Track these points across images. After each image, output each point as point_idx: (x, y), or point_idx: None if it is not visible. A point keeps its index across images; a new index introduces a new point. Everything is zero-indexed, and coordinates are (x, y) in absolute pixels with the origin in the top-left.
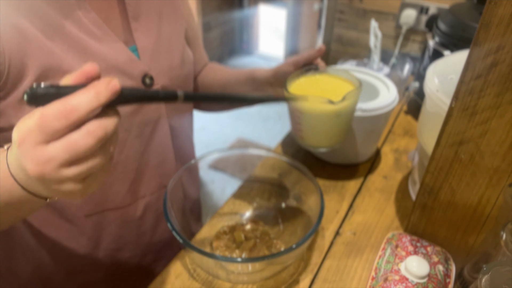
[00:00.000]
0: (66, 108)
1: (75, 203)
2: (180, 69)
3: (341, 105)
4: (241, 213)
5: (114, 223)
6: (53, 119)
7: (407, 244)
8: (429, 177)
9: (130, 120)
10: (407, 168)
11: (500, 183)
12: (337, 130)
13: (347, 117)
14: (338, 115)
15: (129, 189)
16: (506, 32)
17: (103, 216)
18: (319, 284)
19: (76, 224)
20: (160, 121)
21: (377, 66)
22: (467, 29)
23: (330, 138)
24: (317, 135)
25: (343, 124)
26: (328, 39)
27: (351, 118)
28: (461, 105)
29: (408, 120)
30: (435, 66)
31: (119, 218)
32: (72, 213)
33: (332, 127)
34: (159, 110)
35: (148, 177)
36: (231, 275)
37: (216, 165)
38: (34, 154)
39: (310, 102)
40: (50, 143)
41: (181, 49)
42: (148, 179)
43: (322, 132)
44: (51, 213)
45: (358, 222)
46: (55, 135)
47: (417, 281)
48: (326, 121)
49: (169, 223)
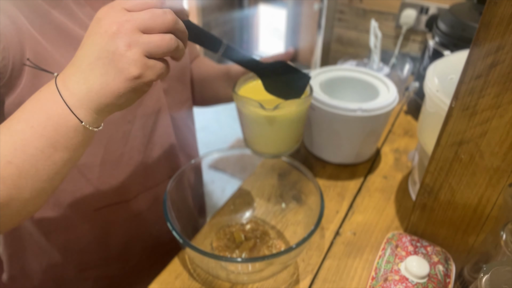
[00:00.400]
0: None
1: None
2: None
3: (273, 112)
4: (241, 213)
5: (123, 216)
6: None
7: (407, 244)
8: (429, 177)
9: (133, 112)
10: (407, 168)
11: (500, 183)
12: (274, 137)
13: (283, 126)
14: (271, 122)
15: (135, 181)
16: (506, 32)
17: (112, 210)
18: (319, 284)
19: (85, 220)
20: (161, 113)
21: (377, 66)
22: (467, 29)
23: (267, 145)
24: (255, 139)
25: (280, 132)
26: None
27: (292, 127)
28: (461, 105)
29: (408, 120)
30: (435, 66)
31: (127, 211)
32: (81, 209)
33: (267, 134)
34: (159, 101)
35: (153, 168)
36: (231, 275)
37: (216, 165)
38: (116, 15)
39: (245, 104)
40: (131, 12)
41: None
42: (153, 170)
43: (259, 137)
44: (61, 211)
45: (358, 222)
46: (135, 7)
47: (417, 281)
48: (260, 126)
49: (169, 223)
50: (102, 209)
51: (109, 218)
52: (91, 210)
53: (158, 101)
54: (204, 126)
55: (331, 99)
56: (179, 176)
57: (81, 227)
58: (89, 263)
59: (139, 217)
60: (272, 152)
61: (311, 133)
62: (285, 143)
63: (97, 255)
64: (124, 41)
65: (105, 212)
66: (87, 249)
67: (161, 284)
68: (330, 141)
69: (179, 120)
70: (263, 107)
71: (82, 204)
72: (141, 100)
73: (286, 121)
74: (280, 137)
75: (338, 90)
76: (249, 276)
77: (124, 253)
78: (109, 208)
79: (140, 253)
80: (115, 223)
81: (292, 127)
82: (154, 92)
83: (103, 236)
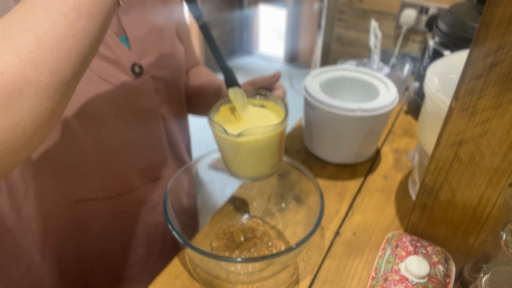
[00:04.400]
0: None
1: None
2: (171, 59)
3: (237, 139)
4: (241, 213)
5: (104, 212)
6: None
7: (407, 244)
8: (429, 177)
9: (121, 107)
10: (407, 168)
11: (500, 183)
12: (243, 162)
13: (250, 152)
14: (236, 148)
15: (121, 179)
16: (506, 32)
17: (93, 204)
18: (319, 284)
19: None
20: (152, 112)
21: (377, 66)
22: (467, 29)
23: (239, 168)
24: (226, 161)
25: (248, 158)
26: (328, 39)
27: (261, 153)
28: (461, 105)
29: (408, 120)
30: (435, 66)
31: (109, 208)
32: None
33: (236, 158)
34: (151, 100)
35: (140, 168)
36: (231, 275)
37: (216, 165)
38: None
39: (212, 127)
40: None
41: (171, 41)
42: (140, 170)
43: (229, 160)
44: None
45: (358, 222)
46: None
47: (417, 281)
48: (228, 151)
49: (169, 224)
50: (84, 201)
51: (90, 213)
52: (72, 201)
53: (149, 99)
54: (204, 126)
55: (331, 99)
56: (180, 176)
57: (60, 219)
58: (68, 263)
59: (121, 216)
60: (245, 176)
61: (311, 133)
62: (257, 169)
63: (75, 254)
64: None
65: (86, 206)
66: (65, 245)
67: (161, 284)
68: (330, 141)
69: (170, 121)
70: (227, 133)
71: (63, 193)
72: (130, 96)
73: (253, 148)
74: (249, 163)
75: (338, 90)
76: (249, 276)
77: (103, 252)
78: (90, 202)
79: (119, 253)
80: (95, 219)
81: (262, 153)
82: (146, 89)
83: (83, 231)
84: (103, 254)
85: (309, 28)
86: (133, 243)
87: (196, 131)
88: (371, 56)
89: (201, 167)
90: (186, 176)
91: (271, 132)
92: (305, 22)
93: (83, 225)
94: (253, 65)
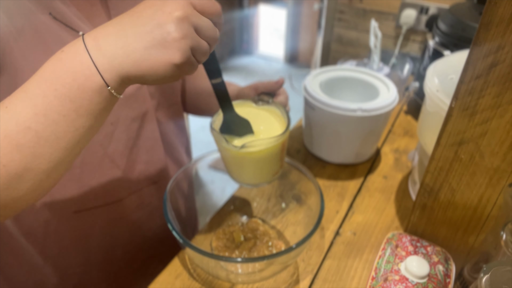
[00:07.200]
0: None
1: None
2: None
3: (239, 151)
4: (241, 213)
5: (104, 219)
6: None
7: (407, 244)
8: (429, 177)
9: (116, 114)
10: (407, 168)
11: (500, 183)
12: (245, 170)
13: (253, 163)
14: (238, 158)
15: (117, 185)
16: (506, 32)
17: (92, 213)
18: (319, 284)
19: (64, 222)
20: (147, 117)
21: (377, 66)
22: (467, 29)
23: (241, 175)
24: (228, 167)
25: (250, 167)
26: (328, 39)
27: (264, 163)
28: (461, 105)
29: (408, 120)
30: (435, 66)
31: (108, 215)
32: (60, 210)
33: (239, 167)
34: (145, 104)
35: (137, 173)
36: (231, 275)
37: (216, 165)
38: (184, 3)
39: (215, 137)
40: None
41: None
42: (137, 175)
43: (232, 167)
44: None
45: (358, 222)
46: (201, 6)
47: (417, 281)
48: (231, 160)
49: (170, 224)
50: (82, 212)
51: (90, 221)
52: (70, 212)
53: (143, 104)
54: (204, 126)
55: (331, 99)
56: (179, 177)
57: (60, 229)
58: (70, 268)
59: (121, 221)
60: (246, 182)
61: (311, 133)
62: (258, 176)
63: (78, 259)
64: (183, 29)
65: (86, 215)
66: (67, 252)
67: (161, 284)
68: (330, 141)
69: (166, 124)
70: (230, 144)
71: (61, 205)
72: (125, 102)
73: (256, 158)
74: (251, 171)
75: (338, 90)
76: (249, 276)
77: (106, 258)
78: (89, 211)
79: (122, 258)
80: (95, 226)
81: (264, 163)
82: (140, 94)
83: (83, 239)
84: (105, 260)
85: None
86: (134, 247)
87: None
88: (371, 56)
89: (201, 167)
90: (186, 177)
91: (274, 143)
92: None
93: (84, 234)
94: (253, 65)
